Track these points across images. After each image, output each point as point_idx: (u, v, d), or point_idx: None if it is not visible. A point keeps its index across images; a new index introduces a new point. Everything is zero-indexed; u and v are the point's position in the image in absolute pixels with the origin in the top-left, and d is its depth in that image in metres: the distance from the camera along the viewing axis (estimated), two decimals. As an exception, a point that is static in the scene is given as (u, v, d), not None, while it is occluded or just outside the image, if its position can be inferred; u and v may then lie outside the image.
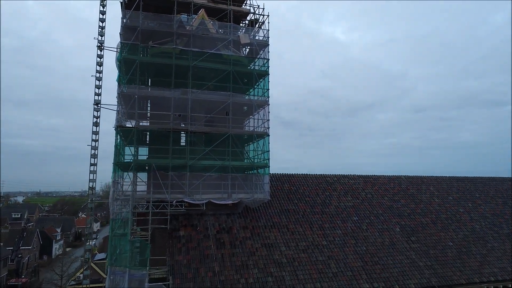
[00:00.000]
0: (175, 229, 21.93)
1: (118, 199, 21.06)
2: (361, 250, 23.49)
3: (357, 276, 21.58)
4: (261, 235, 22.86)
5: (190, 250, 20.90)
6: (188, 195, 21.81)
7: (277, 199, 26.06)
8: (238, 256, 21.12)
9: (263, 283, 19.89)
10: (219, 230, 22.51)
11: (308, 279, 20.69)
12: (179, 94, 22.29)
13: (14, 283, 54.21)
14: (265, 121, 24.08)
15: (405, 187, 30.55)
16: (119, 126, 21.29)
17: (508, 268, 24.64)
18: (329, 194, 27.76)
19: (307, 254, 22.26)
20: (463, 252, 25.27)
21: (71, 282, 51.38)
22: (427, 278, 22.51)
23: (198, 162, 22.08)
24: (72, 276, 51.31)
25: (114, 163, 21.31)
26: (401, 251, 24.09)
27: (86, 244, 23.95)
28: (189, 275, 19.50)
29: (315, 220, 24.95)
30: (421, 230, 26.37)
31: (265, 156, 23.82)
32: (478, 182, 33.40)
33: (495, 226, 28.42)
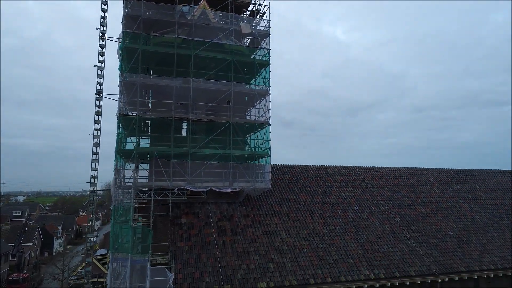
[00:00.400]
0: (176, 216, 22.06)
1: (120, 187, 21.17)
2: (362, 238, 23.61)
3: (358, 263, 21.71)
4: (262, 223, 23.00)
5: (191, 236, 21.03)
6: (189, 183, 21.94)
7: (278, 188, 26.18)
8: (239, 243, 21.25)
9: (264, 269, 20.02)
10: (220, 218, 22.64)
11: (309, 266, 20.81)
12: (181, 83, 22.41)
13: (15, 277, 54.37)
14: (266, 110, 24.20)
15: (405, 178, 30.67)
16: (121, 114, 21.42)
17: (508, 257, 24.75)
18: (330, 184, 27.88)
19: (308, 242, 22.39)
20: (463, 241, 25.40)
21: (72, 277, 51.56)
22: (427, 266, 22.63)
23: (200, 150, 22.21)
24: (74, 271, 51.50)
25: (116, 151, 21.44)
26: (402, 240, 24.22)
27: (88, 240, 24.12)
28: (191, 261, 19.63)
29: (315, 209, 25.08)
30: (421, 219, 26.48)
31: (266, 145, 23.94)
32: (477, 174, 33.51)
33: (495, 217, 28.53)
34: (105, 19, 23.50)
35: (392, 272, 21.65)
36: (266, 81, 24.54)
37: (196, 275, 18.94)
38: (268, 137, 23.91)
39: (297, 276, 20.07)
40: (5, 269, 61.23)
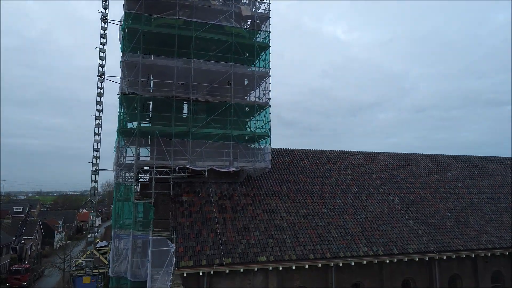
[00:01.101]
0: (177, 194, 22.33)
1: (121, 165, 21.43)
2: (361, 217, 23.88)
3: (357, 240, 21.97)
4: (262, 202, 23.26)
5: (192, 213, 21.31)
6: (190, 161, 22.18)
7: (278, 170, 26.45)
8: (239, 220, 21.52)
9: (264, 244, 20.29)
10: (220, 197, 22.91)
11: (308, 242, 21.08)
12: (182, 64, 22.67)
13: (16, 268, 54.59)
14: (267, 92, 24.46)
15: (404, 163, 30.93)
16: (122, 93, 21.68)
17: (505, 237, 25.01)
18: (329, 167, 28.14)
19: (307, 220, 22.65)
20: (461, 222, 25.65)
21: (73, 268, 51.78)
22: (425, 244, 22.89)
23: (200, 130, 22.46)
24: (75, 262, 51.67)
25: (118, 130, 21.70)
26: (400, 220, 24.48)
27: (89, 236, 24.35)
28: (192, 236, 19.90)
29: (315, 191, 25.34)
30: (419, 201, 26.74)
31: (266, 126, 24.19)
32: (476, 160, 33.76)
33: (493, 200, 28.78)
34: (107, 2, 23.76)
35: (391, 249, 21.91)
36: (266, 63, 24.79)
37: (197, 249, 19.21)
38: (268, 118, 24.16)
39: (297, 251, 20.34)
40: (7, 261, 61.47)
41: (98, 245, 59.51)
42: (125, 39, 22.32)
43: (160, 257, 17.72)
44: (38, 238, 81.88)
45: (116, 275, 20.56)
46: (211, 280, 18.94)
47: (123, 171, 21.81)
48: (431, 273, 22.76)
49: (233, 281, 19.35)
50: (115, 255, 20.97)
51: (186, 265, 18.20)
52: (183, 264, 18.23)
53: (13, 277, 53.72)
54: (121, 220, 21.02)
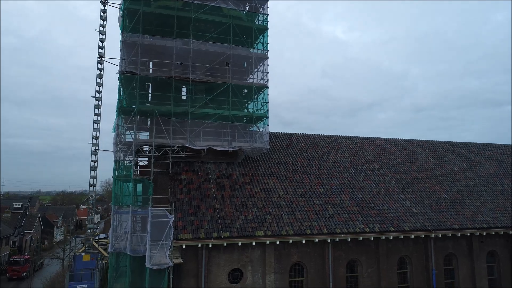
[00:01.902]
0: (176, 173, 22.59)
1: (120, 143, 21.66)
2: (358, 197, 24.16)
3: (353, 218, 22.25)
4: (260, 181, 23.54)
5: (191, 190, 21.57)
6: (189, 141, 22.46)
7: (275, 153, 26.72)
8: (237, 197, 21.79)
9: (262, 220, 20.57)
10: (219, 176, 23.18)
11: (305, 218, 21.36)
12: (181, 44, 22.92)
13: (16, 259, 54.79)
14: (265, 73, 24.73)
15: (401, 148, 31.21)
16: (122, 73, 21.92)
17: (500, 218, 25.30)
18: (327, 151, 28.41)
19: (305, 199, 22.93)
20: (457, 203, 25.94)
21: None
22: (421, 223, 23.18)
23: (199, 110, 22.73)
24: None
25: (117, 108, 21.95)
26: (397, 200, 24.77)
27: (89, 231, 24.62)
28: (190, 211, 20.17)
29: (312, 172, 25.62)
30: (416, 183, 27.03)
31: (264, 107, 24.46)
32: (472, 147, 34.05)
33: (489, 183, 29.08)
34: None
35: (387, 227, 22.20)
36: (265, 46, 25.07)
37: (196, 223, 19.48)
38: (266, 100, 24.44)
39: (294, 227, 20.62)
40: (6, 252, 61.69)
41: (97, 237, 59.75)
42: (125, 19, 22.57)
43: (159, 229, 17.98)
44: (38, 232, 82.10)
45: (115, 251, 20.81)
46: (209, 254, 19.21)
47: (122, 149, 22.02)
48: (427, 251, 23.04)
49: (231, 255, 19.62)
50: (114, 231, 21.21)
51: (185, 238, 18.47)
52: (182, 236, 18.50)
53: (12, 268, 53.91)
54: (120, 199, 21.25)
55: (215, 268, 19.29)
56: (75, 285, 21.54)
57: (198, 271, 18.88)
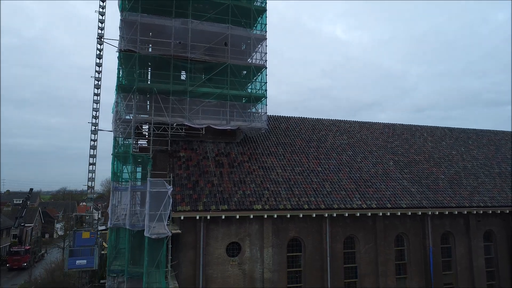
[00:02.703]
0: (175, 151, 22.77)
1: (119, 119, 21.83)
2: (355, 176, 24.32)
3: (351, 195, 22.42)
4: (259, 160, 23.71)
5: (190, 167, 21.75)
6: (188, 119, 22.64)
7: (274, 134, 26.89)
8: (236, 174, 21.97)
9: (260, 195, 20.74)
10: (218, 154, 23.36)
11: (303, 194, 21.53)
12: (180, 24, 23.10)
13: (17, 249, 55.06)
14: (264, 54, 24.91)
15: (399, 132, 31.36)
16: (122, 51, 22.10)
17: (498, 198, 25.45)
18: (325, 133, 28.58)
19: (303, 177, 23.10)
20: (455, 183, 26.10)
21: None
22: (418, 200, 23.34)
23: (198, 89, 22.91)
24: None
25: (117, 85, 22.14)
26: (394, 179, 24.92)
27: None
28: (189, 185, 20.35)
29: (311, 152, 25.79)
30: (414, 165, 27.19)
31: (263, 88, 24.65)
32: (471, 132, 34.18)
33: (486, 166, 29.23)
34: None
35: (384, 204, 22.36)
36: (263, 27, 25.24)
37: (194, 196, 19.66)
38: (264, 80, 24.63)
39: (292, 202, 20.79)
40: (7, 244, 61.93)
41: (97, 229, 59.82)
42: (124, -2, 22.73)
43: (158, 199, 18.16)
44: (38, 226, 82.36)
45: (115, 226, 20.99)
46: (208, 227, 19.39)
47: (121, 126, 22.19)
48: (424, 229, 23.20)
49: (229, 228, 19.80)
50: (114, 207, 21.40)
51: (183, 210, 18.65)
52: (180, 209, 18.68)
53: (13, 258, 54.20)
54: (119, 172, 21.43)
55: (213, 241, 19.47)
56: (75, 260, 21.76)
57: (196, 244, 19.06)
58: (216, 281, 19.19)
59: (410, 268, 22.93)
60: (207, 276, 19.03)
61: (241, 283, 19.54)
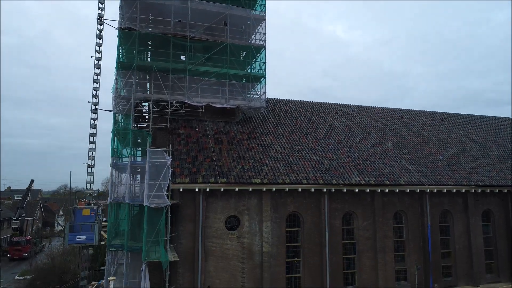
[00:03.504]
0: (175, 128, 22.90)
1: (119, 96, 21.96)
2: (354, 155, 24.43)
3: (349, 172, 22.53)
4: (258, 138, 23.84)
5: (189, 143, 21.89)
6: (187, 97, 22.77)
7: (273, 115, 27.01)
8: (235, 150, 22.10)
9: (258, 170, 20.87)
10: (217, 132, 23.49)
11: (302, 171, 21.65)
12: (179, 3, 23.24)
13: (18, 240, 55.25)
14: (263, 35, 25.05)
15: (398, 116, 31.47)
16: (121, 29, 22.24)
17: (496, 177, 25.55)
18: (324, 116, 28.69)
19: (302, 154, 23.22)
20: (453, 164, 26.20)
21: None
22: (416, 178, 23.44)
23: (197, 67, 23.05)
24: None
25: (117, 62, 22.29)
26: (393, 159, 25.04)
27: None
28: (188, 160, 20.48)
29: (310, 132, 25.90)
30: (412, 146, 27.29)
31: (262, 67, 24.79)
32: (469, 118, 34.27)
33: (485, 149, 29.32)
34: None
35: (382, 180, 22.47)
36: (262, 7, 25.38)
37: (193, 170, 19.79)
38: (263, 60, 24.77)
39: (290, 177, 20.92)
40: (8, 235, 62.14)
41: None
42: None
43: (157, 170, 18.30)
44: (39, 220, 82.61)
45: (114, 201, 21.12)
46: (207, 200, 19.52)
47: (121, 103, 22.31)
48: (422, 207, 23.31)
49: (227, 202, 19.93)
50: (113, 184, 21.53)
51: (183, 181, 18.78)
52: (180, 181, 18.81)
53: (14, 248, 54.34)
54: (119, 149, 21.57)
55: (212, 214, 19.60)
56: (75, 235, 21.91)
57: (195, 217, 19.19)
58: (215, 254, 19.32)
59: (409, 245, 23.04)
60: (206, 248, 19.16)
61: (240, 255, 19.67)
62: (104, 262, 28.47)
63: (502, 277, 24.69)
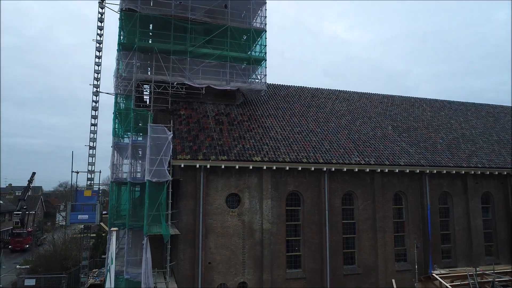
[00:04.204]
0: (175, 109, 23.03)
1: (120, 77, 22.10)
2: (354, 137, 24.55)
3: (349, 153, 22.66)
4: (258, 120, 23.97)
5: (190, 123, 22.02)
6: (188, 78, 22.90)
7: (273, 99, 27.13)
8: (235, 131, 22.23)
9: (259, 149, 21.01)
10: (217, 114, 23.62)
11: (302, 150, 21.78)
12: (180, -15, 23.37)
13: (19, 231, 55.49)
14: (263, 18, 25.18)
15: (398, 102, 31.57)
16: (123, 10, 22.38)
17: (495, 160, 25.65)
18: (324, 100, 28.80)
19: (302, 136, 23.35)
20: (453, 147, 26.31)
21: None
22: (416, 160, 23.56)
23: (198, 49, 23.19)
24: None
25: (118, 44, 22.43)
26: (393, 141, 25.16)
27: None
28: (189, 138, 20.62)
29: (310, 115, 26.02)
30: (412, 130, 27.41)
31: (262, 50, 24.92)
32: (470, 105, 34.36)
33: (485, 134, 29.42)
34: None
35: (382, 161, 22.59)
36: (262, -9, 25.48)
37: (194, 147, 19.93)
38: (264, 43, 24.90)
39: (291, 155, 21.05)
40: (9, 227, 62.38)
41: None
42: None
43: (158, 145, 18.43)
44: (40, 214, 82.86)
45: (116, 180, 21.26)
46: (207, 178, 19.66)
47: (122, 84, 22.45)
48: (422, 188, 23.43)
49: (228, 180, 20.07)
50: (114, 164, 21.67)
51: (184, 158, 18.92)
52: (181, 157, 18.95)
53: (15, 240, 54.59)
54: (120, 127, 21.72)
55: (213, 192, 19.74)
56: (77, 215, 22.04)
57: (196, 193, 19.32)
58: (215, 230, 19.46)
59: (408, 226, 23.17)
60: (207, 225, 19.30)
61: (241, 233, 19.81)
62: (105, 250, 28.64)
63: (502, 259, 24.80)
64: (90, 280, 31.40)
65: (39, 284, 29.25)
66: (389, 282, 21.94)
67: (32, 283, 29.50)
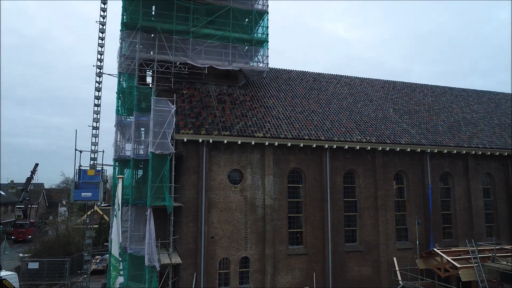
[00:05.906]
0: (178, 89, 23.19)
1: (123, 55, 22.26)
2: (355, 118, 24.69)
3: (351, 132, 22.80)
4: (260, 100, 24.13)
5: (193, 101, 22.19)
6: (191, 58, 23.06)
7: (275, 82, 27.28)
8: (238, 109, 22.40)
9: (261, 126, 21.16)
10: (220, 94, 23.78)
11: (303, 128, 21.93)
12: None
13: (21, 222, 55.78)
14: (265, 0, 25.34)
15: (399, 87, 31.69)
16: (125, -9, 22.54)
17: (496, 142, 25.76)
18: (326, 84, 28.94)
19: (304, 116, 23.50)
20: (454, 129, 26.43)
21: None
22: (417, 139, 23.69)
23: (201, 30, 23.36)
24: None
25: (121, 23, 22.61)
26: (394, 122, 25.29)
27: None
28: (192, 115, 20.78)
29: (311, 97, 26.17)
30: (414, 113, 27.53)
31: (264, 32, 25.08)
32: (471, 92, 34.46)
33: (486, 118, 29.53)
34: None
35: (383, 140, 22.73)
36: (264, -26, 25.63)
37: (197, 123, 20.10)
38: (266, 24, 25.05)
39: (292, 133, 21.20)
40: (12, 219, 62.66)
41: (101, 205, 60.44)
42: None
43: (161, 118, 18.60)
44: (42, 208, 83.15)
45: (119, 158, 21.45)
46: (210, 153, 19.83)
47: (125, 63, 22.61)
48: (423, 167, 23.56)
49: (231, 156, 20.23)
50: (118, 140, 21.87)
51: (186, 132, 19.09)
52: (184, 132, 19.12)
53: (18, 231, 54.86)
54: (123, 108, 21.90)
55: (215, 167, 19.90)
56: (80, 192, 22.25)
57: (199, 169, 19.48)
58: (218, 205, 19.62)
59: (409, 205, 23.30)
60: (210, 200, 19.46)
61: (243, 208, 19.97)
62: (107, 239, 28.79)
63: (503, 240, 24.89)
64: (92, 266, 31.66)
65: (42, 268, 29.49)
66: (390, 259, 22.09)
67: (36, 266, 29.72)
